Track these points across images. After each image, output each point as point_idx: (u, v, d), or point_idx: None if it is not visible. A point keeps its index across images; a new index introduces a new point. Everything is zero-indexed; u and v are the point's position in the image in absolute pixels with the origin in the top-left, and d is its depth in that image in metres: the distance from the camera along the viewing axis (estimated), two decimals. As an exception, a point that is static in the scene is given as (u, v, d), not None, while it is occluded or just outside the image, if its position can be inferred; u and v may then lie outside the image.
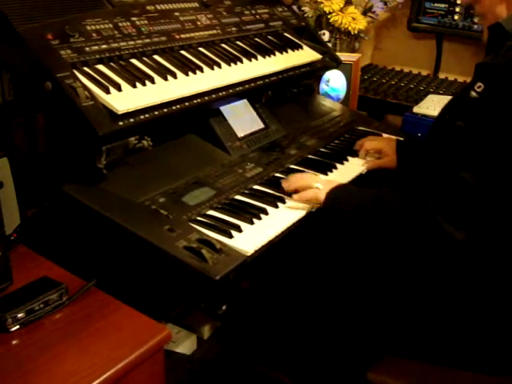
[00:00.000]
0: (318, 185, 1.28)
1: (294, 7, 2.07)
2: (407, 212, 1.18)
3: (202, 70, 1.36)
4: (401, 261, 1.28)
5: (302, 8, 2.19)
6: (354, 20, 2.14)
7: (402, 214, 1.18)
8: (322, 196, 1.26)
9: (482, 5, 1.26)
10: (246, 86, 1.46)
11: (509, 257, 1.15)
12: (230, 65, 1.45)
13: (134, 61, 1.28)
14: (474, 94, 1.17)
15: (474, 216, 1.11)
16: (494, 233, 1.13)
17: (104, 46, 1.22)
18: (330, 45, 2.10)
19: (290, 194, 1.29)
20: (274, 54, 1.63)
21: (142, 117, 1.15)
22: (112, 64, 1.23)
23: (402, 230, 1.18)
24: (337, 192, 1.27)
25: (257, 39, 1.67)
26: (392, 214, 1.19)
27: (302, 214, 1.25)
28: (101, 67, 1.20)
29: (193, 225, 1.12)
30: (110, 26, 1.27)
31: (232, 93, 1.41)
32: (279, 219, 1.22)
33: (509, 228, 1.13)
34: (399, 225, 1.18)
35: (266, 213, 1.21)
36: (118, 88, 1.16)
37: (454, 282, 1.19)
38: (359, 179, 1.50)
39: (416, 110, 1.95)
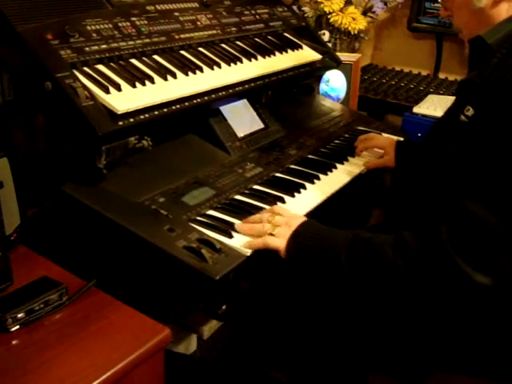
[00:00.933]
0: (276, 231, 1.11)
1: (294, 7, 2.08)
2: (412, 257, 1.01)
3: (201, 70, 1.36)
4: None
5: (302, 8, 2.20)
6: (354, 20, 2.14)
7: (405, 260, 1.01)
8: (281, 245, 1.10)
9: (458, 20, 1.23)
10: (246, 86, 1.46)
11: None
12: (229, 65, 1.45)
13: (133, 61, 1.28)
14: (463, 117, 1.11)
15: (495, 256, 0.97)
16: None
17: (104, 46, 1.22)
18: (330, 45, 2.11)
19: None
20: (274, 54, 1.63)
21: (141, 117, 1.15)
22: (112, 64, 1.22)
23: (407, 280, 1.01)
24: (299, 240, 1.09)
25: (257, 39, 1.67)
26: (387, 262, 1.01)
27: (301, 214, 1.25)
28: (100, 67, 1.20)
29: (193, 225, 1.11)
30: (110, 26, 1.27)
31: (232, 93, 1.41)
32: (279, 219, 1.21)
33: None
34: (402, 274, 1.01)
35: (265, 213, 1.21)
36: (118, 88, 1.16)
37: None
38: (359, 179, 1.51)
39: (416, 110, 1.95)
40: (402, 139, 1.67)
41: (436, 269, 0.99)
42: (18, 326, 0.93)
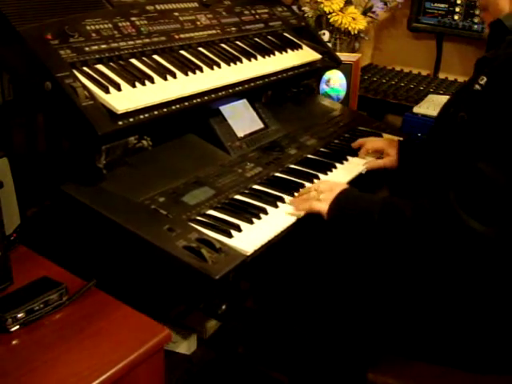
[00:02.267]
0: (321, 196, 1.25)
1: (294, 7, 2.08)
2: (425, 213, 1.12)
3: (201, 70, 1.36)
4: (403, 262, 1.27)
5: (302, 8, 2.19)
6: (354, 20, 2.14)
7: (419, 216, 1.12)
8: (324, 209, 1.23)
9: None
10: (246, 85, 1.46)
11: None
12: (229, 65, 1.45)
13: (133, 61, 1.28)
14: (477, 86, 1.17)
15: (499, 211, 1.06)
16: None
17: (103, 46, 1.22)
18: (330, 45, 2.11)
19: None
20: (274, 54, 1.63)
21: (141, 116, 1.15)
22: (111, 64, 1.23)
23: (419, 233, 1.13)
24: (340, 203, 1.23)
25: (256, 39, 1.67)
26: (406, 219, 1.13)
27: (301, 213, 1.25)
28: (100, 67, 1.20)
29: (192, 224, 1.11)
30: (110, 25, 1.27)
31: (232, 93, 1.41)
32: (279, 219, 1.22)
33: None
34: (416, 229, 1.13)
35: (265, 212, 1.21)
36: (118, 88, 1.16)
37: (458, 282, 1.18)
38: (359, 179, 1.50)
39: (416, 110, 1.95)
40: (401, 139, 1.67)
41: (441, 222, 1.10)
42: (17, 326, 0.93)
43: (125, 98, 1.15)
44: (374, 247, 1.26)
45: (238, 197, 1.27)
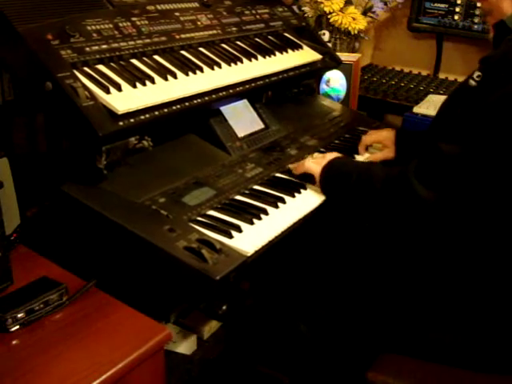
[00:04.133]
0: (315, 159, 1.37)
1: (294, 7, 2.08)
2: (387, 180, 1.23)
3: (202, 70, 1.36)
4: (398, 258, 1.27)
5: (302, 8, 2.19)
6: (354, 20, 2.14)
7: (383, 182, 1.23)
8: (317, 170, 1.33)
9: (487, 2, 1.28)
10: (246, 86, 1.46)
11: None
12: (230, 65, 1.45)
13: (134, 61, 1.27)
14: (472, 82, 1.22)
15: (444, 179, 1.15)
16: (464, 201, 1.15)
17: (104, 46, 1.22)
18: (330, 45, 2.11)
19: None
20: (274, 54, 1.63)
21: (142, 117, 1.15)
22: (112, 64, 1.22)
23: (378, 195, 1.23)
24: (331, 167, 1.33)
25: (257, 39, 1.67)
26: (373, 186, 1.23)
27: (301, 214, 1.25)
28: (101, 67, 1.20)
29: (193, 225, 1.11)
30: (111, 26, 1.27)
31: (232, 93, 1.41)
32: (279, 219, 1.21)
33: (479, 202, 1.15)
34: (377, 192, 1.23)
35: (266, 213, 1.21)
36: (119, 88, 1.16)
37: (453, 275, 1.20)
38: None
39: (416, 110, 1.95)
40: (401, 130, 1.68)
41: (396, 188, 1.20)
42: (17, 326, 0.93)
43: (125, 99, 1.15)
44: (353, 210, 1.35)
45: (238, 197, 1.27)
